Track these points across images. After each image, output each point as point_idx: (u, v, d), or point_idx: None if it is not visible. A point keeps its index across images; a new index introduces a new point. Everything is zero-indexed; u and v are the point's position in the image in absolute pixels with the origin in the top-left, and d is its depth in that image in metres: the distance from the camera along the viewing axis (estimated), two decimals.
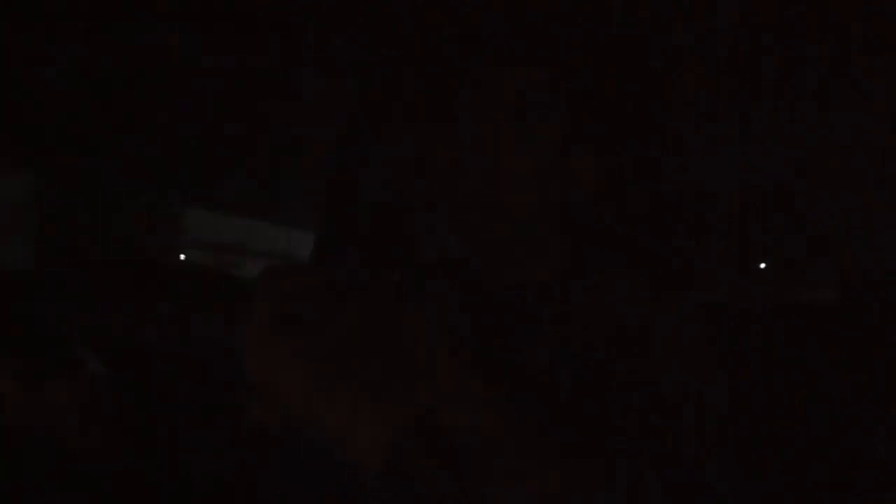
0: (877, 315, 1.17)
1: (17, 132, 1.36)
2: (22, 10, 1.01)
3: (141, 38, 1.08)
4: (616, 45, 0.83)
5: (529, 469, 0.40)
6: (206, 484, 0.63)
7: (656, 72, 0.93)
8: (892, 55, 0.90)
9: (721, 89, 1.03)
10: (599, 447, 0.57)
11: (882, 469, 0.99)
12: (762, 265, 1.51)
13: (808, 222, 1.41)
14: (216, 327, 0.53)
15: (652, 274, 0.76)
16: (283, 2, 0.98)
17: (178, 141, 1.48)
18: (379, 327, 0.32)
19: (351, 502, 0.52)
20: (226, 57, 1.13)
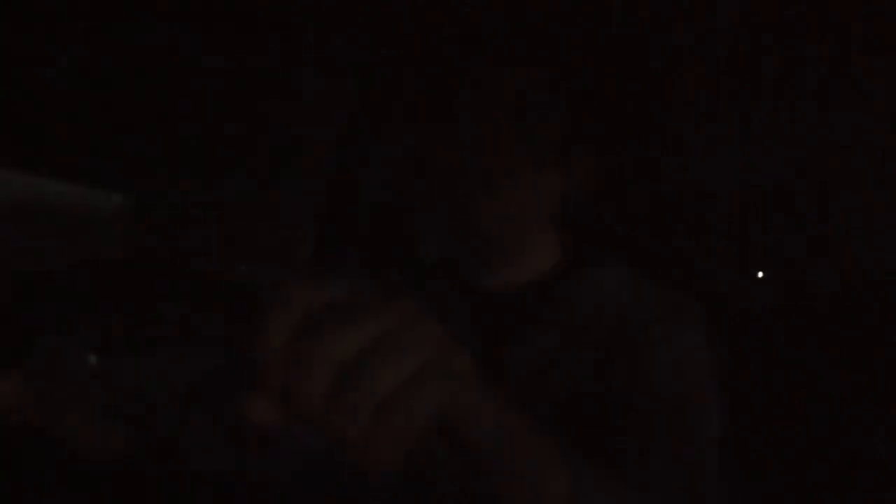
0: (877, 315, 1.17)
1: (16, 132, 1.36)
2: (22, 10, 1.01)
3: (141, 38, 1.08)
4: (616, 46, 0.83)
5: (537, 470, 0.40)
6: (210, 487, 0.63)
7: (656, 72, 0.93)
8: (892, 55, 0.90)
9: (721, 89, 1.03)
10: (599, 447, 0.57)
11: (882, 469, 0.99)
12: (760, 274, 1.51)
13: (808, 222, 1.41)
14: (228, 331, 0.53)
15: (651, 273, 0.76)
16: (283, 2, 0.98)
17: (177, 141, 1.48)
18: (395, 337, 0.32)
19: None
20: (226, 57, 1.13)
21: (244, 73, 1.18)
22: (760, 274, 1.49)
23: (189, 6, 0.99)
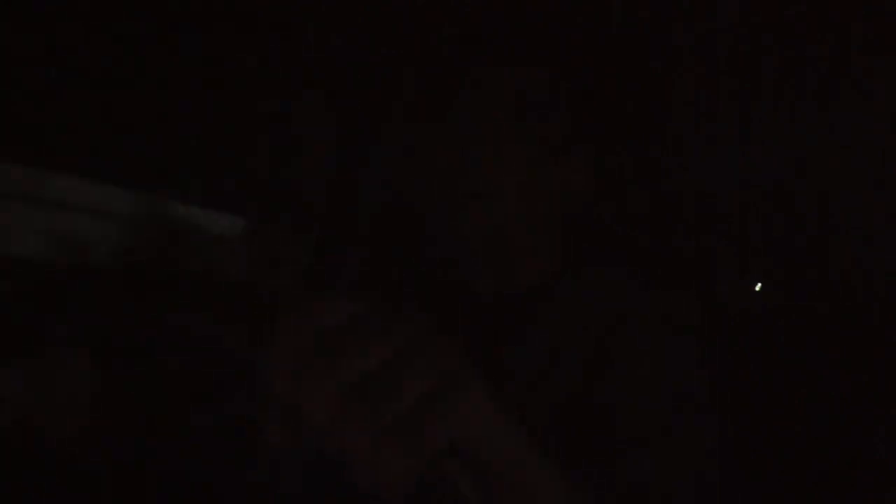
0: (877, 315, 1.17)
1: (17, 132, 1.36)
2: (22, 10, 1.01)
3: (141, 38, 1.08)
4: (616, 46, 0.83)
5: (545, 492, 0.40)
6: (211, 487, 0.63)
7: (656, 72, 0.93)
8: (893, 55, 0.90)
9: (721, 89, 1.03)
10: (598, 448, 0.57)
11: (882, 469, 0.99)
12: (758, 287, 1.51)
13: (808, 223, 1.41)
14: (228, 332, 0.53)
15: (651, 274, 0.76)
16: (282, 2, 0.98)
17: (176, 141, 1.48)
18: (407, 357, 0.32)
19: None
20: (226, 57, 1.13)
21: (244, 73, 1.18)
22: (758, 286, 1.49)
23: (189, 6, 0.99)
